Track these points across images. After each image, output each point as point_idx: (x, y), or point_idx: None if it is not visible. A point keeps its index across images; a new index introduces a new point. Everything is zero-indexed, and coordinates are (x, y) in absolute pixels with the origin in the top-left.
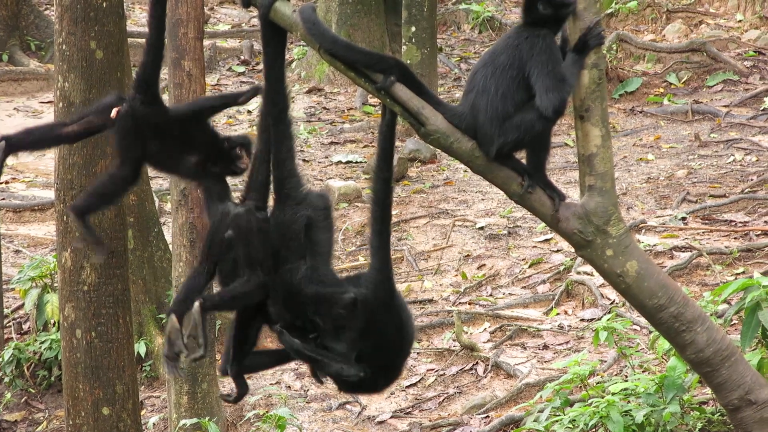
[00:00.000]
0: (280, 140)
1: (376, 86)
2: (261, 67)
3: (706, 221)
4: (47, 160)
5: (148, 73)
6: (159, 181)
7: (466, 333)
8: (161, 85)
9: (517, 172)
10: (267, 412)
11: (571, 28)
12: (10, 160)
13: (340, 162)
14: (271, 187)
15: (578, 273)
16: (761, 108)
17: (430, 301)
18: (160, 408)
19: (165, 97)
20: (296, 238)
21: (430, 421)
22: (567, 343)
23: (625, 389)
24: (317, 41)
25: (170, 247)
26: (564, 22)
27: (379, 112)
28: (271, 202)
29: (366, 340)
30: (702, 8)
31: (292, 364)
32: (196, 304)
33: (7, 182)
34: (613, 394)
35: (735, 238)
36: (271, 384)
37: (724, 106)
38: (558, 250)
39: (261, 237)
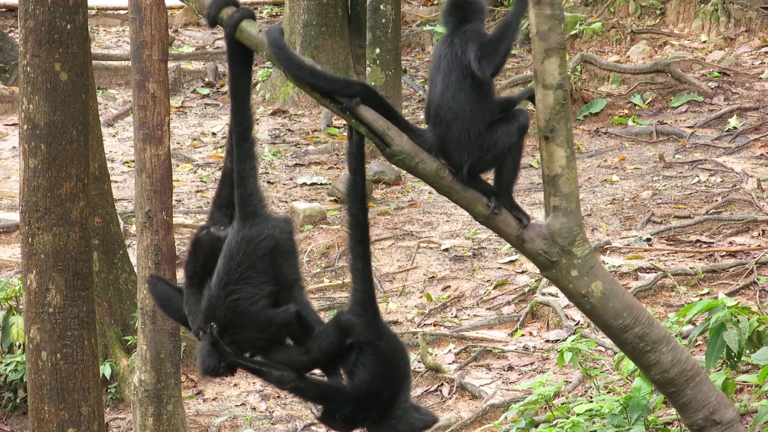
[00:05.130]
0: (243, 158)
1: (342, 107)
2: (226, 89)
3: (671, 242)
4: (12, 183)
5: None
6: (124, 203)
7: (431, 354)
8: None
9: (483, 193)
10: None
11: (535, 49)
12: None
13: (305, 184)
14: (236, 205)
15: (543, 294)
16: (726, 129)
17: (395, 322)
18: (125, 430)
19: (129, 119)
20: (263, 256)
21: None
22: (532, 364)
23: (590, 410)
24: (283, 66)
25: (135, 269)
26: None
27: (344, 134)
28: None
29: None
30: (666, 29)
31: (257, 386)
32: None
33: None
34: (578, 414)
35: (700, 259)
36: (236, 405)
37: (689, 127)
38: (523, 272)
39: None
